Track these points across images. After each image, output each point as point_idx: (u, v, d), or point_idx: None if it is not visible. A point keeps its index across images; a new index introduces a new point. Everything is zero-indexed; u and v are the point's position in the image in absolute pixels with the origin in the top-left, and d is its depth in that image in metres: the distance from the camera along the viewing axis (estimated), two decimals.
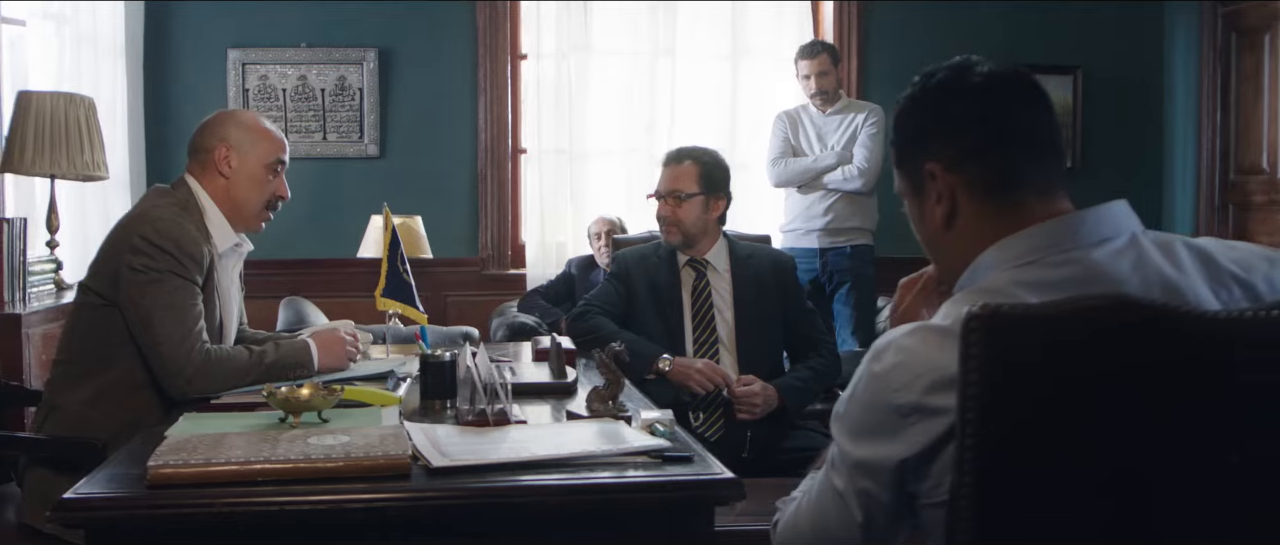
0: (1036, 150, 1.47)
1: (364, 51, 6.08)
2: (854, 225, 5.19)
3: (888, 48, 6.40)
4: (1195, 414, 1.24)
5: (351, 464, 1.79)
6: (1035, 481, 1.26)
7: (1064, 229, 1.42)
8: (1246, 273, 1.40)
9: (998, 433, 1.26)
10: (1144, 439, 1.24)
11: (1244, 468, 1.25)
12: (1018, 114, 1.47)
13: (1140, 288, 1.36)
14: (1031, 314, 1.25)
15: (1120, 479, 1.25)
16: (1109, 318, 1.23)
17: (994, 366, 1.25)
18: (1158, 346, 1.23)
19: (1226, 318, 1.24)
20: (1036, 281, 1.39)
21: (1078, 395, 1.24)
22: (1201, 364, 1.23)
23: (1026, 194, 1.46)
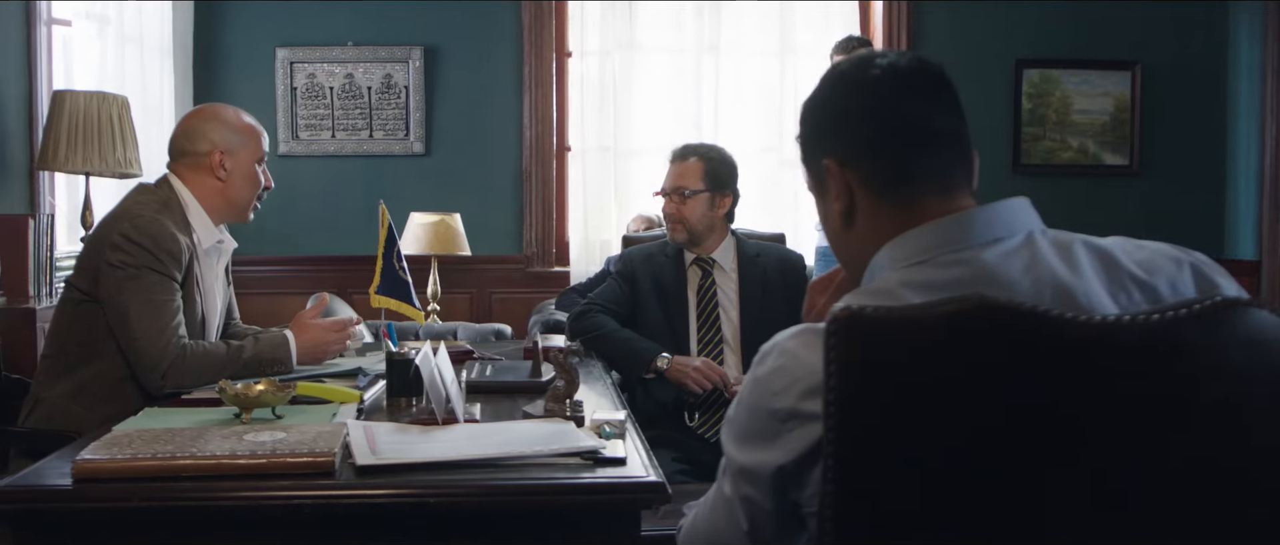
0: (933, 145, 1.41)
1: (410, 50, 6.13)
2: None
3: (938, 46, 6.28)
4: (1062, 422, 1.18)
5: (273, 461, 1.79)
6: (896, 491, 1.21)
7: (955, 228, 1.36)
8: (1149, 275, 1.33)
9: (856, 440, 1.21)
10: (1008, 447, 1.18)
11: (1116, 478, 1.19)
12: (912, 108, 1.41)
13: (1031, 289, 1.30)
14: (890, 317, 1.20)
15: (983, 490, 1.19)
16: (970, 321, 1.18)
17: (852, 371, 1.20)
18: (1021, 351, 1.17)
19: (1096, 322, 1.17)
20: (924, 282, 1.33)
21: (938, 402, 1.18)
22: (1068, 370, 1.17)
23: (923, 191, 1.40)
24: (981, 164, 5.14)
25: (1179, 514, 1.20)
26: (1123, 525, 1.19)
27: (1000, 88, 6.30)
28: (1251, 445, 1.20)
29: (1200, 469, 1.19)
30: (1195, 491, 1.20)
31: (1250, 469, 1.20)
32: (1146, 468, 1.19)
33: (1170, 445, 1.18)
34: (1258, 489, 1.21)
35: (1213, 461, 1.19)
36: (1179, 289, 1.32)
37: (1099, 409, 1.17)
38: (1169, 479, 1.19)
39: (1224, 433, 1.19)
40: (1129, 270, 1.33)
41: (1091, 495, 1.18)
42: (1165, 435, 1.18)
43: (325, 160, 6.18)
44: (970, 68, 6.28)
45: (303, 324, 2.70)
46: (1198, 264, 1.35)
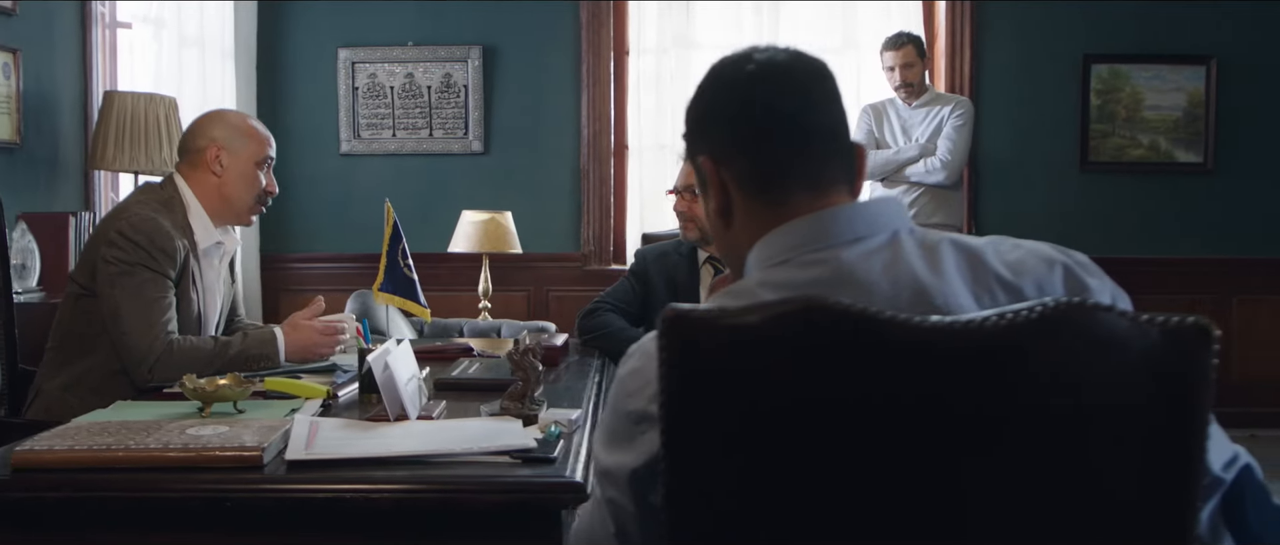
0: (806, 143, 1.37)
1: (469, 49, 6.19)
2: (937, 221, 5.02)
3: (1003, 42, 6.15)
4: (890, 427, 1.14)
5: (201, 455, 1.82)
6: (725, 495, 1.18)
7: (818, 226, 1.33)
8: (1016, 276, 1.27)
9: (684, 444, 1.18)
10: (834, 452, 1.15)
11: (946, 484, 1.14)
12: (782, 104, 1.37)
13: (889, 290, 1.26)
14: (718, 319, 1.17)
15: (808, 495, 1.16)
16: (795, 324, 1.14)
17: (678, 374, 1.17)
18: (847, 355, 1.13)
19: (928, 325, 1.13)
20: (784, 282, 1.30)
21: (763, 405, 1.15)
22: (897, 374, 1.13)
23: (794, 189, 1.36)
24: (1047, 162, 5.10)
25: (1013, 522, 1.15)
26: (954, 532, 1.15)
27: (1067, 84, 6.14)
28: (1091, 451, 1.14)
29: (1037, 475, 1.14)
30: (1031, 499, 1.14)
31: (1090, 475, 1.14)
32: (979, 474, 1.14)
33: (1005, 451, 1.14)
34: (1098, 496, 1.15)
35: (1050, 468, 1.14)
36: (1045, 290, 1.26)
37: (928, 414, 1.13)
38: (1003, 485, 1.14)
39: (1062, 438, 1.14)
40: (995, 271, 1.28)
41: (919, 502, 1.14)
42: (1000, 441, 1.13)
43: (386, 159, 6.27)
44: (1036, 64, 6.14)
45: (295, 323, 2.73)
46: (1072, 265, 1.30)
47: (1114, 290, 1.29)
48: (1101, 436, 1.14)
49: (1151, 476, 1.15)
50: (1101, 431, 1.14)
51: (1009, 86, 6.17)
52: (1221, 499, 1.24)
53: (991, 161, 6.21)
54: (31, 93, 4.12)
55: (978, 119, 6.15)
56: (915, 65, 5.03)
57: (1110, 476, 1.15)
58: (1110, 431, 1.14)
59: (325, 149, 6.25)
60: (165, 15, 5.18)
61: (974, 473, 1.14)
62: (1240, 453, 1.28)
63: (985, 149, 6.21)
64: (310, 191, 6.22)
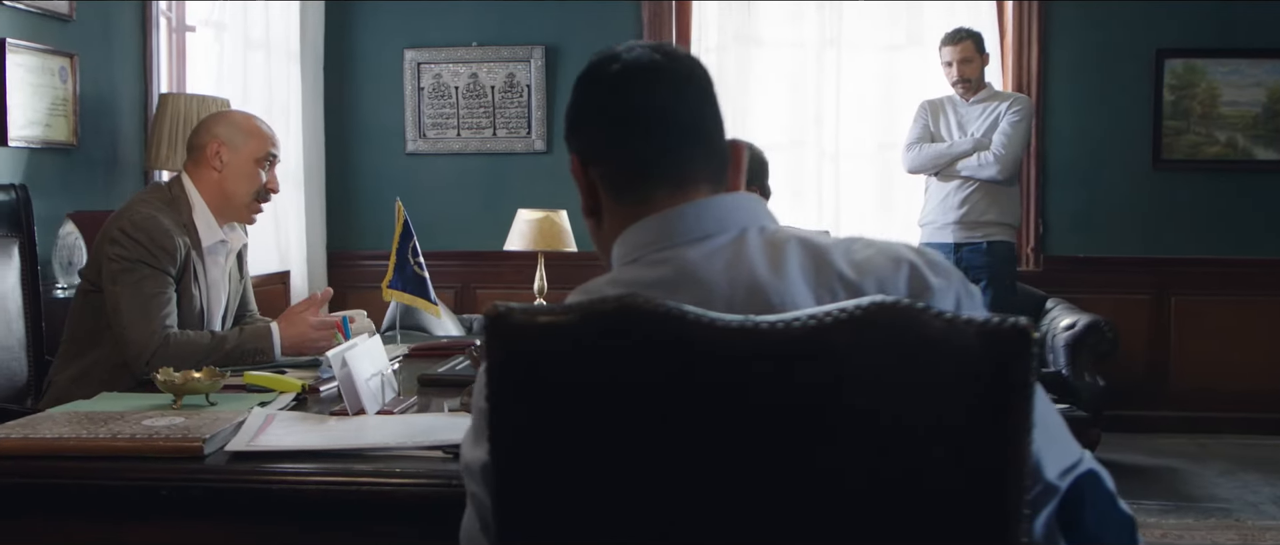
0: (664, 140, 1.36)
1: (531, 49, 6.25)
2: (991, 219, 4.91)
3: (1072, 37, 6.01)
4: (702, 428, 1.13)
5: (141, 444, 1.88)
6: (544, 492, 1.19)
7: (666, 225, 1.32)
8: (859, 275, 1.25)
9: (506, 439, 1.19)
10: (648, 450, 1.15)
11: (758, 485, 1.13)
12: (643, 103, 1.37)
13: (727, 289, 1.26)
14: (535, 318, 1.17)
15: (622, 494, 1.16)
16: (607, 324, 1.14)
17: (498, 371, 1.18)
18: (656, 354, 1.13)
19: (736, 326, 1.12)
20: (630, 280, 1.30)
21: (577, 403, 1.16)
22: (706, 373, 1.12)
23: (655, 187, 1.36)
24: (1119, 160, 4.98)
25: (823, 523, 1.13)
26: (764, 532, 1.13)
27: (1139, 80, 5.98)
28: (906, 453, 1.12)
29: (848, 477, 1.12)
30: (840, 501, 1.13)
31: (904, 477, 1.12)
32: (787, 474, 1.13)
33: (814, 452, 1.12)
34: (912, 499, 1.13)
35: (862, 469, 1.12)
36: (886, 289, 1.24)
37: (735, 414, 1.12)
38: (813, 486, 1.13)
39: (875, 440, 1.12)
40: (839, 270, 1.26)
41: (725, 500, 1.13)
42: (809, 441, 1.12)
43: (450, 158, 6.36)
44: (1106, 60, 5.99)
45: (291, 318, 2.79)
46: (919, 265, 1.26)
47: (961, 292, 1.26)
48: (917, 438, 1.12)
49: (968, 479, 1.13)
50: (917, 433, 1.12)
51: (1078, 84, 6.02)
52: (1058, 506, 1.21)
53: (1060, 161, 6.07)
54: (89, 95, 4.28)
55: (1045, 118, 6.03)
56: (973, 61, 4.94)
57: (925, 478, 1.13)
58: (926, 433, 1.12)
59: (391, 148, 6.36)
60: (227, 18, 5.32)
61: (782, 472, 1.13)
62: (1085, 459, 1.24)
63: (1053, 148, 6.07)
64: (377, 190, 6.33)
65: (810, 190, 6.25)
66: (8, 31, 3.85)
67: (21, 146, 3.94)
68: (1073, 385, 5.13)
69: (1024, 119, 4.89)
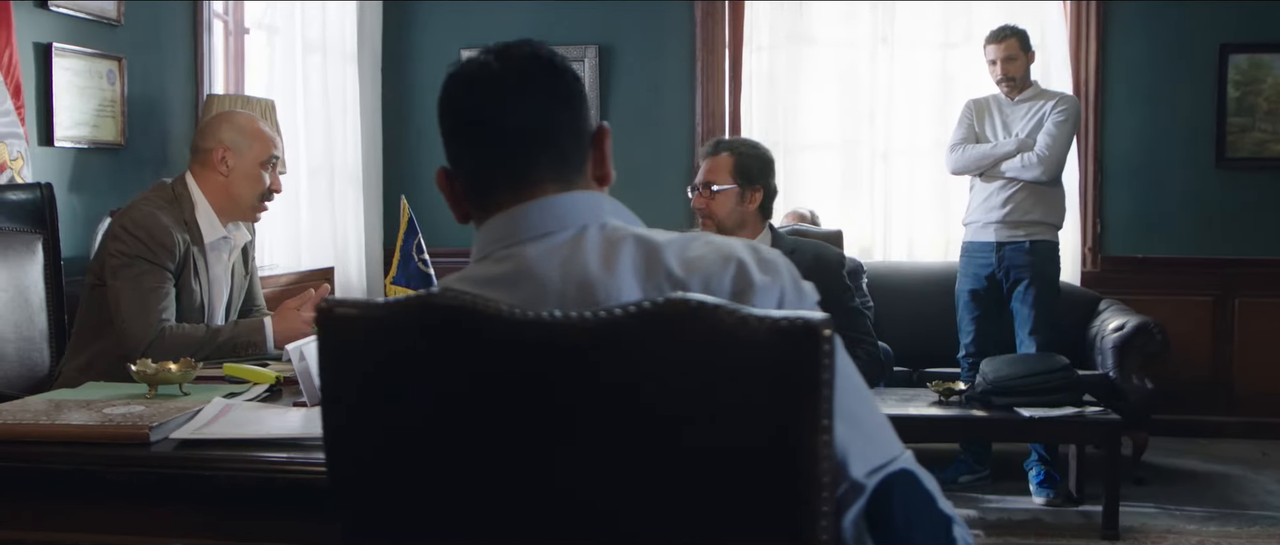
0: (502, 142, 1.39)
1: (585, 48, 6.30)
2: (1035, 219, 4.83)
3: (1132, 33, 5.90)
4: (497, 417, 1.17)
5: (88, 431, 1.97)
6: (363, 478, 1.23)
7: (510, 224, 1.36)
8: (686, 273, 1.27)
9: (335, 427, 1.24)
10: (447, 435, 1.19)
11: (545, 474, 1.16)
12: (473, 112, 1.40)
13: (559, 285, 1.29)
14: (358, 311, 1.22)
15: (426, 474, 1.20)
16: (412, 317, 1.19)
17: (329, 358, 1.24)
18: (454, 346, 1.17)
19: (533, 320, 1.15)
20: (475, 277, 1.34)
21: (390, 394, 1.21)
22: (499, 365, 1.16)
23: (499, 192, 1.39)
24: (1180, 159, 4.91)
25: (614, 511, 1.16)
26: (552, 519, 1.17)
27: (1202, 76, 5.83)
28: (699, 447, 1.14)
29: (639, 467, 1.15)
30: (632, 491, 1.15)
31: (696, 471, 1.14)
32: (576, 465, 1.16)
33: (608, 441, 1.15)
34: (704, 492, 1.15)
35: (654, 461, 1.15)
36: (711, 287, 1.25)
37: (527, 404, 1.16)
38: (602, 478, 1.16)
39: (666, 432, 1.14)
40: (668, 267, 1.28)
41: (516, 486, 1.17)
42: (602, 431, 1.15)
43: None
44: (1168, 55, 5.87)
45: (284, 312, 2.88)
46: (748, 263, 1.27)
47: (788, 290, 1.26)
48: (711, 431, 1.14)
49: (762, 474, 1.14)
50: (710, 427, 1.14)
51: (1138, 80, 5.90)
52: (866, 505, 1.21)
53: (1119, 160, 5.95)
54: (137, 97, 4.44)
55: (1104, 115, 5.92)
56: (1018, 59, 4.86)
57: (720, 471, 1.14)
58: (719, 427, 1.14)
59: None
60: (280, 21, 5.46)
61: (570, 463, 1.16)
62: (899, 459, 1.25)
63: (1113, 147, 5.95)
64: (434, 190, 6.41)
65: (863, 189, 6.22)
66: (54, 36, 4.01)
67: (68, 146, 4.11)
68: (1120, 388, 5.03)
69: (1069, 118, 4.80)
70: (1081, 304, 5.62)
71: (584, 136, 1.44)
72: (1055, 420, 4.32)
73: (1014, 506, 4.68)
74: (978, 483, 4.96)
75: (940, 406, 4.52)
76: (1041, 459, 4.80)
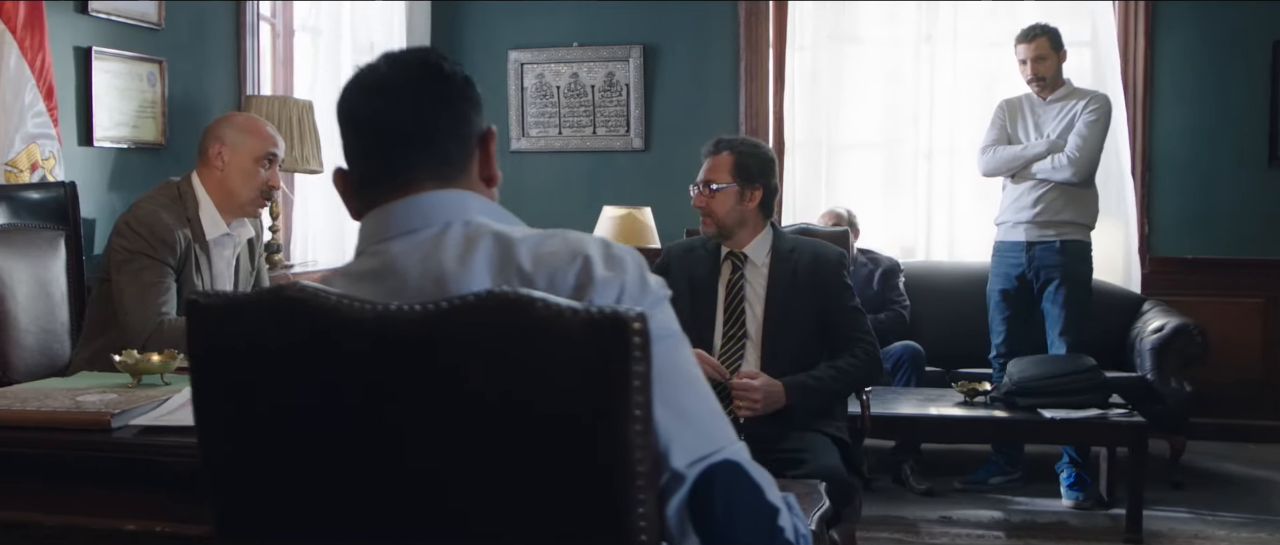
0: (380, 145, 1.46)
1: (630, 48, 6.36)
2: (1065, 219, 4.77)
3: (1181, 31, 5.80)
4: (339, 404, 1.23)
5: (51, 416, 2.08)
6: (226, 461, 1.30)
7: (381, 221, 1.42)
8: (535, 268, 1.31)
9: (202, 399, 1.32)
10: (297, 418, 1.25)
11: (386, 459, 1.22)
12: (360, 113, 1.47)
13: (418, 279, 1.35)
14: (220, 302, 1.29)
15: (277, 454, 1.27)
16: (265, 308, 1.26)
17: (194, 347, 1.31)
18: (305, 340, 1.24)
19: (370, 312, 1.21)
20: (352, 272, 1.41)
21: (246, 375, 1.27)
22: (339, 355, 1.22)
23: (380, 190, 1.45)
24: (1232, 158, 4.85)
25: (443, 499, 1.21)
26: (392, 503, 1.23)
27: (1254, 73, 5.71)
28: (520, 435, 1.19)
29: (460, 453, 1.20)
30: (453, 475, 1.21)
31: (512, 457, 1.19)
32: (411, 450, 1.22)
33: (431, 428, 1.21)
34: (519, 477, 1.19)
35: (474, 446, 1.20)
36: (555, 281, 1.30)
37: (365, 392, 1.22)
38: (432, 463, 1.21)
39: (490, 421, 1.19)
40: (518, 263, 1.32)
41: (361, 472, 1.23)
42: (427, 418, 1.21)
43: (552, 156, 6.53)
44: (1219, 52, 5.76)
45: None
46: (594, 258, 1.31)
47: (630, 284, 1.30)
48: (528, 420, 1.19)
49: (576, 462, 1.19)
50: (527, 415, 1.19)
51: (1188, 78, 5.79)
52: (688, 494, 1.25)
53: (1169, 159, 5.85)
54: (178, 98, 4.59)
55: (1153, 114, 5.83)
56: (1048, 58, 4.80)
57: (536, 459, 1.20)
58: (535, 415, 1.20)
59: (497, 147, 6.55)
60: (324, 23, 5.60)
61: (404, 447, 1.22)
62: (725, 450, 1.28)
63: (1162, 146, 5.86)
64: None
65: (906, 189, 6.19)
66: (94, 40, 4.17)
67: (108, 146, 4.27)
68: (1157, 390, 4.95)
69: (1100, 118, 4.74)
70: (1125, 305, 5.54)
71: (468, 138, 1.50)
72: (1077, 422, 4.28)
73: (1041, 508, 4.64)
74: (1009, 484, 4.92)
75: (964, 407, 4.50)
76: (1073, 461, 4.75)
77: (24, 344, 3.14)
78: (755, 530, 1.27)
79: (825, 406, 3.28)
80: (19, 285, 3.13)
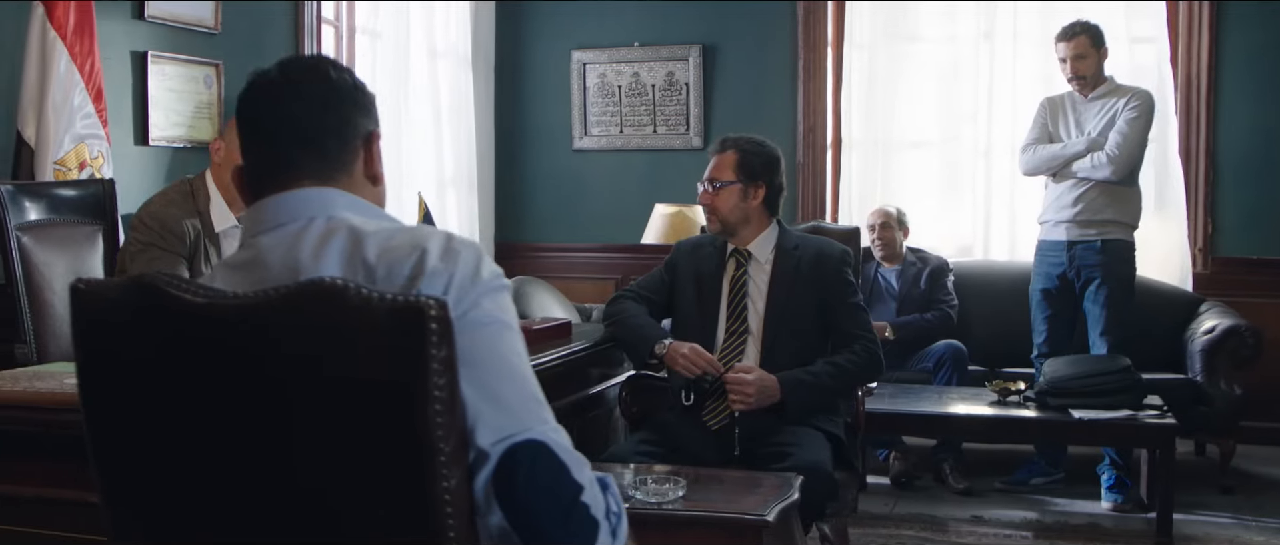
0: (267, 144, 1.57)
1: (689, 48, 6.44)
2: (1107, 218, 4.71)
3: (1244, 33, 5.66)
4: (183, 387, 1.34)
5: (28, 396, 2.25)
6: (108, 428, 1.43)
7: (256, 215, 1.53)
8: (378, 260, 1.41)
9: (83, 384, 1.44)
10: (148, 395, 1.37)
11: (220, 439, 1.33)
12: (250, 114, 1.58)
13: (278, 271, 1.45)
14: (92, 289, 1.41)
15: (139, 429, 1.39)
16: (126, 296, 1.37)
17: (78, 327, 1.43)
18: (155, 325, 1.35)
19: (205, 300, 1.32)
20: (229, 263, 1.53)
21: (113, 356, 1.40)
22: (182, 340, 1.33)
23: (265, 185, 1.56)
24: None
25: (270, 477, 1.32)
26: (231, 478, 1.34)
27: None
28: (336, 417, 1.29)
29: (289, 437, 1.31)
30: (284, 457, 1.31)
31: (329, 436, 1.29)
32: (240, 433, 1.32)
33: (261, 414, 1.31)
34: (336, 454, 1.29)
35: (300, 431, 1.30)
36: (393, 273, 1.39)
37: (203, 375, 1.33)
38: (260, 444, 1.32)
39: (310, 404, 1.29)
40: (365, 256, 1.42)
41: (199, 446, 1.34)
42: (255, 404, 1.31)
43: (613, 154, 6.64)
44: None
45: None
46: (431, 251, 1.38)
47: (459, 275, 1.38)
48: (343, 401, 1.29)
49: (385, 440, 1.29)
50: (348, 393, 1.29)
51: (1253, 75, 5.66)
52: (494, 471, 1.33)
53: (1234, 157, 5.72)
54: (234, 99, 4.79)
55: (1217, 112, 5.70)
56: (1088, 56, 4.75)
57: (350, 436, 1.29)
58: (350, 397, 1.29)
59: (559, 145, 6.70)
60: (383, 26, 5.78)
61: (236, 431, 1.33)
62: (531, 430, 1.35)
63: (1226, 144, 5.73)
64: (545, 185, 6.71)
65: (964, 187, 6.15)
66: (151, 45, 4.41)
67: (163, 146, 4.50)
68: (1206, 392, 4.86)
69: (1141, 115, 4.66)
70: (1182, 306, 5.44)
71: (350, 139, 1.60)
72: (1104, 423, 4.23)
73: (1077, 510, 4.59)
74: (1052, 486, 4.88)
75: (997, 406, 4.48)
76: (1114, 463, 4.70)
77: (60, 332, 3.35)
78: (555, 504, 1.34)
79: (820, 402, 3.31)
80: (57, 278, 3.34)
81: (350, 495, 1.30)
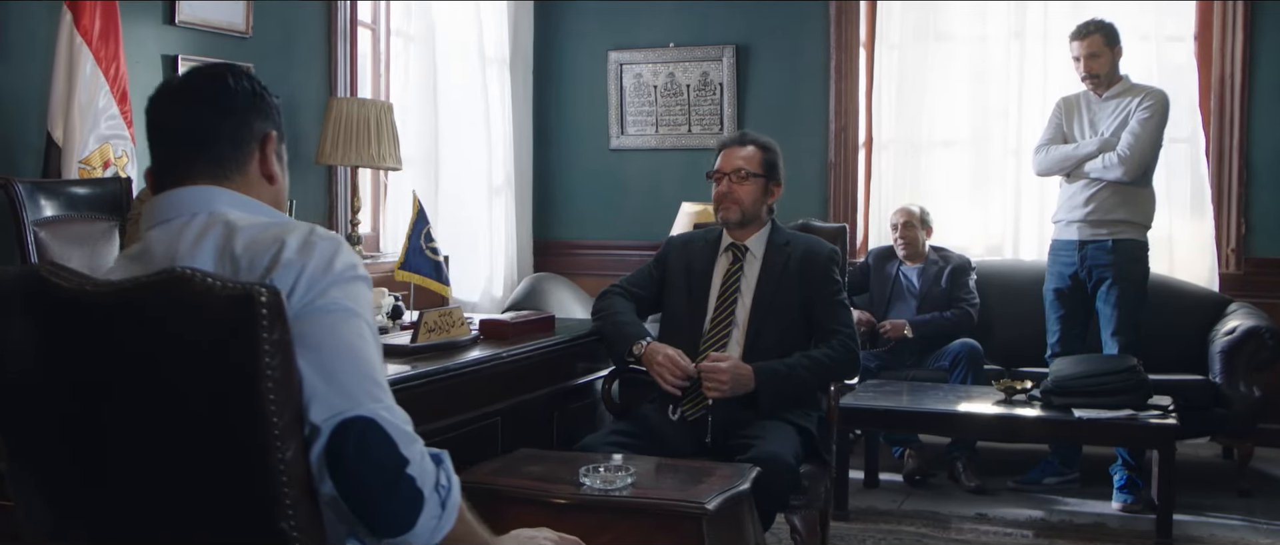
0: (166, 145, 1.70)
1: (723, 48, 6.52)
2: (1119, 218, 4.70)
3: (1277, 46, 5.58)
4: (63, 364, 1.48)
5: None
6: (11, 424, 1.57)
7: (150, 209, 1.66)
8: (244, 252, 1.54)
9: None
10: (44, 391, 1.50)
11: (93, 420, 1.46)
12: (154, 117, 1.72)
13: (161, 261, 1.58)
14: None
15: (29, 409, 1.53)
16: (17, 283, 1.51)
17: None
18: (38, 311, 1.49)
19: (75, 287, 1.45)
20: (127, 255, 1.66)
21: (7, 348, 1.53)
22: (65, 324, 1.47)
23: (166, 182, 1.69)
24: None
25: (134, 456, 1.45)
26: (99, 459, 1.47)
27: None
28: (188, 399, 1.41)
29: (148, 417, 1.44)
30: (144, 437, 1.44)
31: (188, 419, 1.41)
32: (109, 411, 1.45)
33: (126, 394, 1.44)
34: (184, 431, 1.42)
35: (158, 412, 1.43)
36: (255, 265, 1.52)
37: (79, 359, 1.46)
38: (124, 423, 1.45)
39: (166, 387, 1.42)
40: (233, 249, 1.55)
41: (74, 428, 1.48)
42: (123, 385, 1.44)
43: (648, 153, 6.74)
44: None
45: None
46: (289, 244, 1.51)
47: (310, 267, 1.50)
48: (196, 377, 1.42)
49: (227, 414, 1.41)
50: (195, 373, 1.42)
51: None
52: (326, 444, 1.44)
53: (1267, 158, 5.65)
54: None
55: (1251, 112, 5.63)
56: (1102, 55, 4.74)
57: (195, 416, 1.42)
58: (197, 379, 1.42)
59: (596, 144, 6.82)
60: (417, 27, 5.94)
61: (102, 404, 1.46)
62: (361, 408, 1.46)
63: (1260, 144, 5.67)
64: (582, 183, 6.83)
65: (994, 186, 6.15)
66: (181, 49, 4.60)
67: None
68: (1224, 394, 4.82)
69: (1155, 115, 4.64)
70: (1209, 306, 5.39)
71: (246, 141, 1.73)
72: (1104, 423, 4.23)
73: (1085, 510, 4.59)
74: (1065, 486, 4.88)
75: (1001, 405, 4.50)
76: (1125, 464, 4.69)
77: None
78: (380, 475, 1.45)
79: (794, 393, 3.38)
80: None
81: (197, 462, 1.42)
